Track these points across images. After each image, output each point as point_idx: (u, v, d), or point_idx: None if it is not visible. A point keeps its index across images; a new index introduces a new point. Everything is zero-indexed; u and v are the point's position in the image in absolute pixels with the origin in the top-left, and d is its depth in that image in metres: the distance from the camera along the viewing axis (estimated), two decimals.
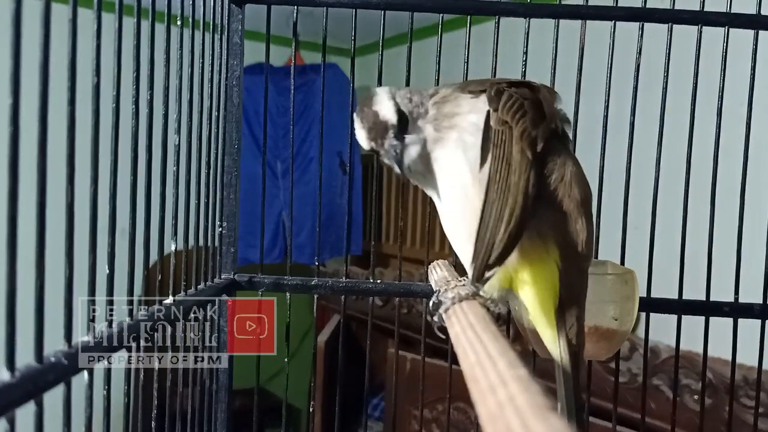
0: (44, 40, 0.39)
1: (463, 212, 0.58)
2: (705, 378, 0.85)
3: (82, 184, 0.43)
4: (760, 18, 0.80)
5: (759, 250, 0.78)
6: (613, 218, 0.82)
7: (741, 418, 1.17)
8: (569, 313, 0.56)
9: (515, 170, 0.54)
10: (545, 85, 0.64)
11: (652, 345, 1.37)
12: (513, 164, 0.54)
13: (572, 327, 0.56)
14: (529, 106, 0.57)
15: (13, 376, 0.37)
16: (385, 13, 0.82)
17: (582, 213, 0.58)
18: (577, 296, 0.57)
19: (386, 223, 2.93)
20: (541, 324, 0.58)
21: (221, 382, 0.81)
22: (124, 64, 0.51)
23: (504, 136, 0.55)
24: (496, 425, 0.30)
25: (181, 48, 0.65)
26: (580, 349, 0.56)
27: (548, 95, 0.61)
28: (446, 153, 0.60)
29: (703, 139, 0.81)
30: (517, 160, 0.54)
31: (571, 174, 0.58)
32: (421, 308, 1.93)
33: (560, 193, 0.57)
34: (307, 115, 2.50)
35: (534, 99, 0.58)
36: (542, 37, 0.85)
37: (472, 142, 0.58)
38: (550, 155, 0.57)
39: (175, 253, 0.64)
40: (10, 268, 0.37)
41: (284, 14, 0.85)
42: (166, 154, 0.61)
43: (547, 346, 0.58)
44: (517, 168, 0.54)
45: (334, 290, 0.85)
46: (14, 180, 0.37)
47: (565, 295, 0.56)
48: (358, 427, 2.31)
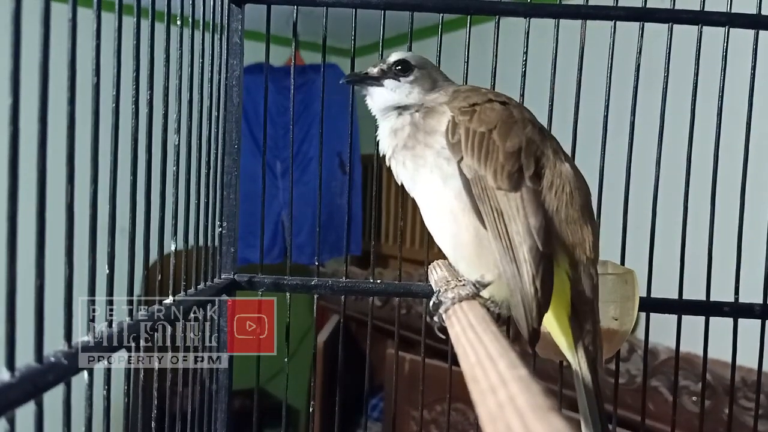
0: (44, 39, 0.39)
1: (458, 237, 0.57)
2: (705, 378, 0.85)
3: (82, 183, 0.43)
4: (760, 18, 0.80)
5: (759, 250, 0.78)
6: (613, 218, 0.82)
7: (740, 420, 1.17)
8: (584, 320, 0.55)
9: (509, 219, 0.52)
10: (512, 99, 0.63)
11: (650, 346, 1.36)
12: (504, 213, 0.52)
13: (588, 334, 0.55)
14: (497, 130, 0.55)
15: (13, 376, 0.37)
16: (385, 13, 0.82)
17: (586, 217, 0.57)
18: (589, 302, 0.56)
19: (386, 223, 2.93)
20: (556, 333, 0.57)
21: (221, 382, 0.81)
22: (124, 64, 0.51)
23: (483, 183, 0.54)
24: (497, 425, 0.30)
25: (181, 48, 0.65)
26: (597, 355, 0.55)
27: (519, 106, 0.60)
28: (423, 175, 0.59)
29: (703, 139, 0.81)
30: (505, 205, 0.53)
31: (568, 179, 0.57)
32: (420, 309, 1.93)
33: (562, 203, 0.56)
34: (307, 115, 2.50)
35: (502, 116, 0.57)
36: (542, 37, 0.85)
37: (449, 172, 0.56)
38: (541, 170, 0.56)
39: (175, 253, 0.64)
40: (10, 268, 0.37)
41: (284, 14, 0.85)
42: (166, 154, 0.61)
43: (565, 354, 0.57)
44: (510, 216, 0.52)
45: (334, 290, 0.85)
46: (14, 180, 0.37)
47: (578, 302, 0.55)
48: (358, 427, 2.31)
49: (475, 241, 0.55)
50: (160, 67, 0.59)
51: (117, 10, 0.51)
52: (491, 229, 0.53)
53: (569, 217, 0.56)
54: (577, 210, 0.56)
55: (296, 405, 2.59)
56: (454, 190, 0.56)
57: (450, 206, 0.57)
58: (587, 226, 0.57)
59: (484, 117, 0.56)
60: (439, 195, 0.57)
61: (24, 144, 0.38)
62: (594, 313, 0.56)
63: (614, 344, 0.72)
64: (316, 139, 0.91)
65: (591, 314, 0.56)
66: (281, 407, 0.86)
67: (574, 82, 0.82)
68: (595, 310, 0.56)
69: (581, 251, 0.56)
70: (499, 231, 0.52)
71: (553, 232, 0.55)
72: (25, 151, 0.38)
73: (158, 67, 0.58)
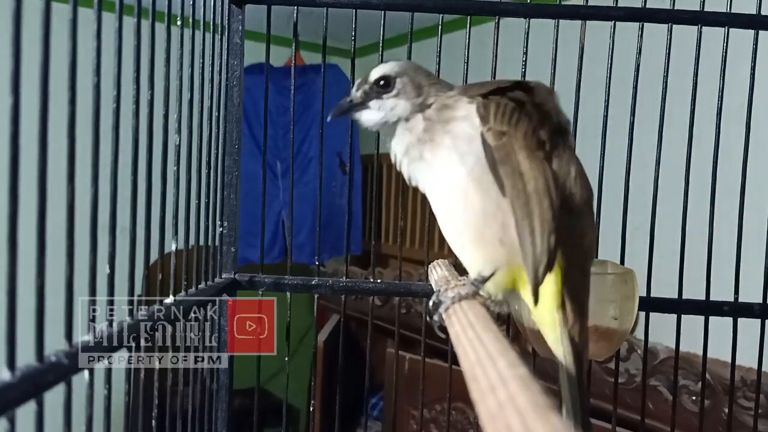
0: (44, 39, 0.39)
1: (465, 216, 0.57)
2: (704, 378, 0.86)
3: (83, 183, 0.43)
4: (760, 18, 0.80)
5: (759, 250, 0.78)
6: (613, 218, 0.82)
7: (739, 419, 1.17)
8: (572, 313, 0.55)
9: (530, 179, 0.53)
10: (541, 84, 0.63)
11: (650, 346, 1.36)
12: (525, 174, 0.53)
13: (575, 326, 0.55)
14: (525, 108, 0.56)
15: (14, 376, 0.37)
16: (385, 13, 0.82)
17: (586, 212, 0.58)
18: (579, 296, 0.56)
19: (386, 223, 2.93)
20: (543, 324, 0.57)
21: (221, 381, 0.81)
22: (124, 64, 0.51)
23: (507, 148, 0.54)
24: (497, 425, 0.30)
25: (182, 48, 0.65)
26: (583, 348, 0.55)
27: (545, 94, 0.61)
28: (440, 157, 0.59)
29: (702, 139, 0.81)
30: (527, 167, 0.53)
31: (576, 172, 0.57)
32: (420, 308, 1.93)
33: (567, 191, 0.56)
34: (307, 115, 2.50)
35: (530, 101, 0.58)
36: (542, 37, 0.85)
37: (466, 150, 0.57)
38: (556, 152, 0.57)
39: (176, 253, 0.64)
40: (11, 268, 0.37)
41: (284, 14, 0.85)
42: (167, 154, 0.61)
43: (551, 346, 0.57)
44: (532, 176, 0.53)
45: (334, 290, 0.85)
46: (14, 179, 0.37)
47: (568, 295, 0.56)
48: (358, 426, 2.31)
49: (481, 220, 0.55)
50: (161, 68, 0.59)
51: (117, 11, 0.51)
52: (510, 189, 0.53)
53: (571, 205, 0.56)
54: (580, 201, 0.57)
55: (297, 404, 2.59)
56: (467, 166, 0.57)
57: (462, 185, 0.57)
58: (586, 220, 0.57)
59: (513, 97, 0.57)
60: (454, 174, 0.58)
61: (25, 144, 0.38)
62: (583, 308, 0.56)
63: (614, 344, 0.72)
64: (316, 139, 0.91)
65: (580, 308, 0.56)
66: (282, 406, 0.86)
67: (574, 82, 0.82)
68: (584, 305, 0.57)
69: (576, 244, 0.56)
70: (518, 190, 0.53)
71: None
72: (25, 151, 0.38)
73: (159, 67, 0.58)
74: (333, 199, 2.64)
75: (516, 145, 0.54)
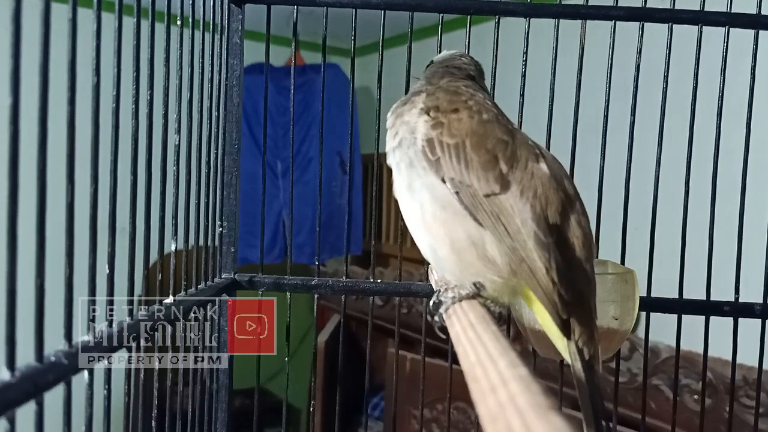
0: (44, 39, 0.39)
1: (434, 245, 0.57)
2: (705, 378, 0.85)
3: (82, 183, 0.43)
4: (760, 18, 0.80)
5: (759, 250, 0.78)
6: (613, 218, 0.82)
7: (740, 418, 1.17)
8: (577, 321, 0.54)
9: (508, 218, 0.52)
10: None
11: (651, 345, 1.37)
12: (501, 214, 0.53)
13: (583, 334, 0.54)
14: (469, 139, 0.55)
15: (13, 376, 0.37)
16: (385, 13, 0.82)
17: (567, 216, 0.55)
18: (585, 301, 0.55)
19: (386, 223, 2.92)
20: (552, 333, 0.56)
21: (221, 381, 0.81)
22: (124, 64, 0.51)
23: (470, 192, 0.54)
24: (497, 425, 0.30)
25: (181, 48, 0.65)
26: (593, 355, 0.54)
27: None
28: (399, 181, 0.60)
29: (703, 139, 0.81)
30: (498, 206, 0.53)
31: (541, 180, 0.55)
32: (421, 308, 1.93)
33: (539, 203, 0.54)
34: (307, 115, 2.50)
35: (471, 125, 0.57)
36: (542, 37, 0.85)
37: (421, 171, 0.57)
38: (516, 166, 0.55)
39: (176, 253, 0.64)
40: (10, 268, 0.37)
41: (284, 14, 0.85)
42: (166, 154, 0.61)
43: (562, 354, 0.56)
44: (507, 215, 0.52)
45: (334, 290, 0.85)
46: (14, 179, 0.37)
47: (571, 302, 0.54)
48: (358, 426, 2.32)
49: (452, 256, 0.55)
50: (160, 67, 0.59)
51: (117, 10, 0.51)
52: (493, 232, 0.53)
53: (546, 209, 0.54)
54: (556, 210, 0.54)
55: (297, 404, 2.59)
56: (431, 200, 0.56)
57: (427, 216, 0.56)
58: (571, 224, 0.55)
59: (455, 130, 0.56)
60: (411, 210, 0.58)
61: (24, 144, 0.38)
62: (590, 312, 0.55)
63: (615, 344, 0.72)
64: (316, 139, 0.92)
65: (586, 314, 0.54)
66: (282, 406, 0.86)
67: (574, 82, 0.82)
68: (590, 309, 0.55)
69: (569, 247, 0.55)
70: (500, 233, 0.52)
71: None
72: (25, 151, 0.38)
73: (158, 67, 0.58)
74: (333, 198, 2.64)
75: (477, 189, 0.53)
